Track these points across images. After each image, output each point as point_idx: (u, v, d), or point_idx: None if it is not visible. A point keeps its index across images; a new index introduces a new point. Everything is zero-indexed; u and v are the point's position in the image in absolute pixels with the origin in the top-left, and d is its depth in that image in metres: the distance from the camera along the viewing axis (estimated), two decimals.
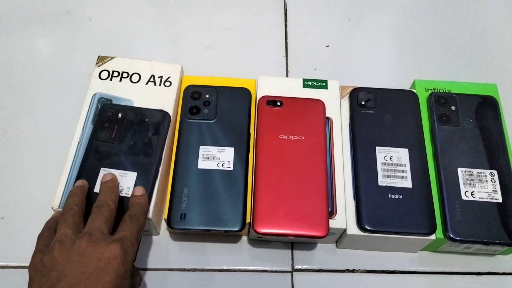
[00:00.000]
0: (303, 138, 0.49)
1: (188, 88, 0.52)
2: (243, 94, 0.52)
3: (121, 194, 0.45)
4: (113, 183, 0.44)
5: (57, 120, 0.57)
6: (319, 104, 0.52)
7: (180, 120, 0.50)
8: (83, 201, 0.42)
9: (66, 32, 0.65)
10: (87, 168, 0.47)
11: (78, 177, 0.46)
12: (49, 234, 0.41)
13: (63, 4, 0.67)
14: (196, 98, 0.51)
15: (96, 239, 0.37)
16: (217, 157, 0.48)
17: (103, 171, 0.46)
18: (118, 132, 0.49)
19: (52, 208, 0.46)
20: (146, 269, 0.49)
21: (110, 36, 0.65)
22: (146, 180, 0.46)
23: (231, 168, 0.48)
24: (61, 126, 0.55)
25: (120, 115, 0.50)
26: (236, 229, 0.45)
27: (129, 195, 0.45)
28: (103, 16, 0.66)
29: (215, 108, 0.51)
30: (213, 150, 0.49)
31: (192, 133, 0.50)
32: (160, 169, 0.48)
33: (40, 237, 0.41)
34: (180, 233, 0.51)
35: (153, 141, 0.49)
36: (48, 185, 0.51)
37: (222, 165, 0.48)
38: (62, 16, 0.66)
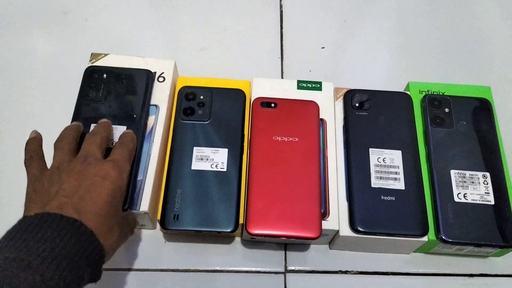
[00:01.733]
0: (297, 139, 0.49)
1: (183, 89, 0.52)
2: (237, 95, 0.53)
3: (111, 146, 0.46)
4: (107, 122, 0.46)
5: (53, 119, 0.57)
6: (313, 106, 0.52)
7: (174, 121, 0.51)
8: (78, 134, 0.44)
9: (62, 32, 0.65)
10: None
11: None
12: (38, 157, 0.42)
13: (59, 4, 0.67)
14: (191, 99, 0.52)
15: (91, 161, 0.40)
16: (210, 158, 0.49)
17: (93, 127, 0.48)
18: (104, 91, 0.51)
19: None
20: (138, 270, 0.49)
21: (106, 36, 0.65)
22: (136, 132, 0.48)
23: (225, 170, 0.48)
24: (57, 125, 0.55)
25: (105, 75, 0.52)
26: (229, 230, 0.45)
27: None
28: (99, 17, 0.66)
29: (209, 109, 0.51)
30: (207, 151, 0.49)
31: (186, 134, 0.50)
32: (148, 123, 0.50)
33: (31, 161, 0.41)
34: (173, 234, 0.51)
35: (139, 97, 0.51)
36: None
37: (216, 166, 0.48)
38: (58, 17, 0.66)
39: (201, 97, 0.52)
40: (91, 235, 0.36)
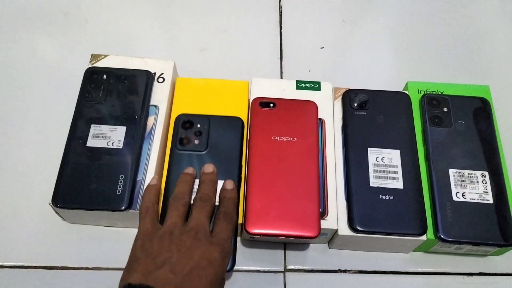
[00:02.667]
0: (296, 139, 0.50)
1: (180, 117, 0.51)
2: (235, 123, 0.51)
3: (112, 146, 0.48)
4: (214, 176, 0.46)
5: (53, 120, 0.57)
6: (311, 106, 0.52)
7: (170, 150, 0.49)
8: (192, 189, 0.45)
9: (63, 33, 0.65)
10: (79, 126, 0.49)
11: (72, 133, 0.49)
12: (154, 210, 0.43)
13: (59, 5, 0.67)
14: (187, 128, 0.50)
15: (201, 237, 0.40)
16: None
17: (93, 128, 0.49)
18: (104, 91, 0.51)
19: (49, 203, 0.46)
20: None
21: (106, 37, 0.65)
22: (134, 134, 0.49)
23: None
24: (57, 125, 0.55)
25: (105, 76, 0.52)
26: (227, 268, 0.43)
27: (120, 147, 0.48)
28: (99, 18, 0.67)
29: (206, 138, 0.49)
30: None
31: (182, 164, 0.48)
32: (147, 123, 0.51)
33: (145, 211, 0.42)
34: None
35: (139, 98, 0.51)
36: (43, 184, 0.51)
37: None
38: (59, 18, 0.66)
39: (198, 125, 0.50)
40: None
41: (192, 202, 0.44)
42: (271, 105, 0.52)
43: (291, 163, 0.48)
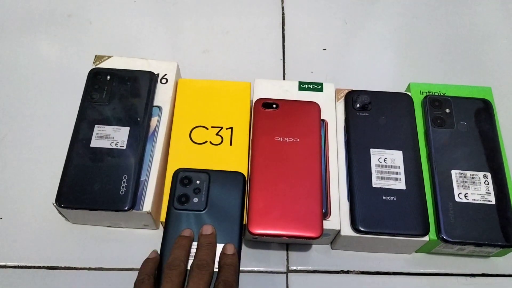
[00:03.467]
0: (298, 140, 0.50)
1: (178, 172, 0.47)
2: (236, 179, 0.47)
3: (115, 147, 0.48)
4: (213, 239, 0.43)
5: (56, 121, 0.58)
6: (314, 107, 0.52)
7: (167, 208, 0.45)
8: (189, 254, 0.42)
9: (67, 35, 0.66)
10: (83, 127, 0.50)
11: (76, 133, 0.49)
12: (149, 283, 0.39)
13: (63, 7, 0.68)
14: (186, 184, 0.46)
15: None
16: None
17: (97, 128, 0.49)
18: (108, 92, 0.52)
19: (53, 204, 0.46)
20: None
21: (110, 39, 0.65)
22: (137, 135, 0.49)
23: None
24: (60, 126, 0.56)
25: (109, 77, 0.52)
26: None
27: (124, 147, 0.48)
28: (103, 19, 0.67)
29: (206, 196, 0.46)
30: None
31: (180, 225, 0.44)
32: (151, 124, 0.51)
33: (139, 283, 0.39)
34: None
35: (142, 99, 0.51)
36: (46, 185, 0.51)
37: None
38: (63, 20, 0.67)
39: (197, 182, 0.46)
40: None
41: (189, 268, 0.41)
42: (274, 106, 0.52)
43: (293, 164, 0.48)
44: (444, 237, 0.46)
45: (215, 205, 0.45)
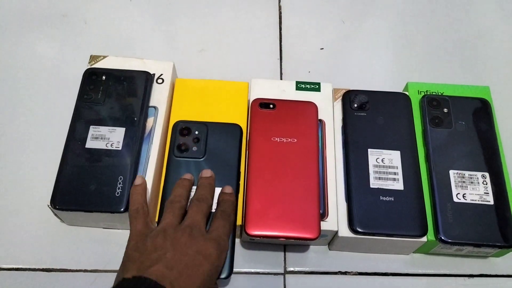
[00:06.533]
0: (296, 140, 0.49)
1: (177, 124, 0.50)
2: (233, 130, 0.50)
3: (111, 148, 0.48)
4: (212, 180, 0.46)
5: (51, 122, 0.57)
6: (311, 107, 0.52)
7: (167, 157, 0.48)
8: (189, 194, 0.45)
9: (62, 35, 0.65)
10: (78, 127, 0.49)
11: (71, 134, 0.49)
12: (144, 211, 0.43)
13: (58, 7, 0.67)
14: (185, 135, 0.49)
15: (196, 234, 0.40)
16: None
17: (92, 129, 0.49)
18: (103, 93, 0.51)
19: (48, 205, 0.46)
20: None
21: (105, 39, 0.65)
22: (133, 136, 0.48)
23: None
24: (55, 127, 0.55)
25: (104, 77, 0.52)
26: (223, 276, 0.43)
27: (119, 148, 0.48)
28: (98, 19, 0.67)
29: (204, 145, 0.48)
30: None
31: (180, 172, 0.47)
32: (146, 125, 0.50)
33: (135, 213, 0.42)
34: None
35: (138, 99, 0.51)
36: (42, 186, 0.50)
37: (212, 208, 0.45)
38: (58, 19, 0.66)
39: (196, 132, 0.49)
40: None
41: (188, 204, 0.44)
42: (271, 106, 0.52)
43: (291, 164, 0.48)
44: (442, 238, 0.46)
45: (213, 153, 0.48)
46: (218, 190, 0.46)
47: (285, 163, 0.48)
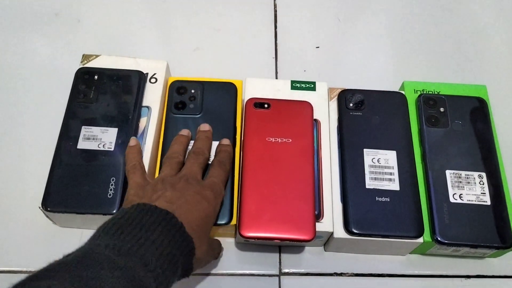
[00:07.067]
0: (291, 140, 0.49)
1: (174, 83, 0.52)
2: (229, 88, 0.52)
3: (103, 148, 0.47)
4: (210, 134, 0.48)
5: (43, 122, 0.57)
6: (307, 106, 0.51)
7: (165, 114, 0.51)
8: (186, 150, 0.46)
9: (54, 33, 0.64)
10: (70, 128, 0.49)
11: (63, 135, 0.48)
12: (141, 167, 0.45)
13: (51, 6, 0.66)
14: (182, 93, 0.51)
15: (192, 182, 0.42)
16: None
17: (84, 129, 0.48)
18: (96, 92, 0.51)
19: (39, 207, 0.45)
20: None
21: (98, 37, 0.64)
22: (125, 136, 0.48)
23: None
24: (47, 128, 0.54)
25: (96, 76, 0.51)
26: (223, 222, 0.45)
27: (111, 149, 0.48)
28: (91, 18, 0.66)
29: (200, 103, 0.51)
30: None
31: (177, 128, 0.49)
32: (140, 125, 0.50)
33: (133, 168, 0.44)
34: None
35: (131, 98, 0.50)
36: (34, 187, 0.49)
37: (209, 160, 0.48)
38: (50, 18, 0.65)
39: (192, 90, 0.52)
40: (181, 227, 0.37)
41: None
42: (266, 105, 0.51)
43: (286, 165, 0.47)
44: (439, 239, 0.46)
45: (210, 110, 0.51)
46: (215, 144, 0.48)
47: (280, 164, 0.47)
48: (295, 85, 0.54)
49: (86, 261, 0.31)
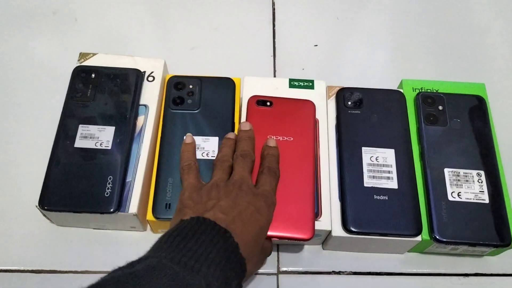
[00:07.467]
0: (292, 139, 0.49)
1: (172, 79, 0.53)
2: (226, 84, 0.53)
3: (100, 147, 0.47)
4: (252, 133, 0.47)
5: (40, 120, 0.56)
6: (309, 105, 0.51)
7: (164, 110, 0.51)
8: (233, 154, 0.46)
9: (52, 32, 0.64)
10: (67, 126, 0.48)
11: (60, 133, 0.48)
12: (195, 167, 0.45)
13: (48, 4, 0.66)
14: (180, 89, 0.52)
15: (245, 189, 0.42)
16: (201, 147, 0.48)
17: (81, 128, 0.48)
18: (93, 90, 0.50)
19: (36, 206, 0.45)
20: None
21: (96, 36, 0.64)
22: (123, 134, 0.48)
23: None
24: (44, 126, 0.54)
25: (93, 75, 0.51)
26: None
27: (109, 148, 0.47)
28: (88, 16, 0.66)
29: (198, 98, 0.51)
30: (197, 140, 0.49)
31: (176, 123, 0.50)
32: (137, 123, 0.50)
33: (187, 168, 0.44)
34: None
35: (128, 97, 0.50)
36: (31, 186, 0.49)
37: (207, 154, 0.48)
38: (48, 17, 0.65)
39: (190, 86, 0.52)
40: (236, 247, 0.37)
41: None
42: (268, 103, 0.51)
43: (286, 164, 0.47)
44: (437, 237, 0.46)
45: (208, 106, 0.51)
46: (214, 140, 0.49)
47: (281, 162, 0.47)
48: (293, 83, 0.54)
49: (156, 273, 0.31)
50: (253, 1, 0.68)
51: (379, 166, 0.48)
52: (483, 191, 0.48)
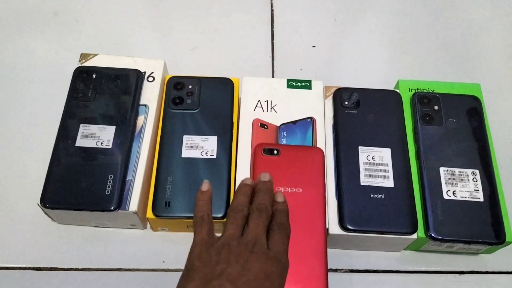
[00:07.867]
0: (301, 190, 0.46)
1: (171, 79, 0.53)
2: (225, 84, 0.53)
3: (101, 146, 0.48)
4: (270, 185, 0.45)
5: (42, 120, 0.57)
6: (317, 153, 0.49)
7: (163, 110, 0.51)
8: (249, 202, 0.44)
9: (53, 33, 0.65)
10: (68, 126, 0.49)
11: (61, 133, 0.48)
12: (209, 219, 0.43)
13: (49, 5, 0.67)
14: (179, 89, 0.52)
15: (258, 251, 0.39)
16: (200, 146, 0.49)
17: (82, 127, 0.49)
18: (94, 91, 0.51)
19: (38, 204, 0.46)
20: (130, 270, 0.49)
21: (97, 37, 0.65)
22: (123, 134, 0.49)
23: (215, 156, 0.49)
24: (46, 125, 0.55)
25: (94, 75, 0.52)
26: (220, 215, 0.46)
27: (109, 147, 0.48)
28: (89, 17, 0.66)
29: (198, 98, 0.52)
30: (196, 139, 0.49)
31: (175, 123, 0.50)
32: (137, 123, 0.50)
33: (200, 220, 0.42)
34: (165, 234, 0.51)
35: (128, 97, 0.51)
36: (32, 185, 0.50)
37: (206, 153, 0.49)
38: (49, 18, 0.66)
39: (190, 86, 0.53)
40: None
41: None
42: (275, 152, 0.48)
43: (296, 217, 0.45)
44: (433, 235, 0.46)
45: (207, 105, 0.51)
46: (213, 139, 0.49)
47: (290, 215, 0.44)
48: (291, 83, 0.54)
49: None
50: (252, 2, 0.69)
51: (376, 165, 0.49)
52: (478, 190, 0.49)
